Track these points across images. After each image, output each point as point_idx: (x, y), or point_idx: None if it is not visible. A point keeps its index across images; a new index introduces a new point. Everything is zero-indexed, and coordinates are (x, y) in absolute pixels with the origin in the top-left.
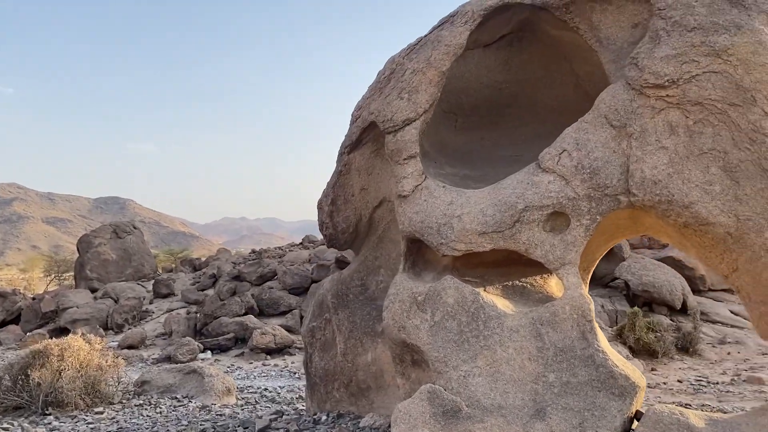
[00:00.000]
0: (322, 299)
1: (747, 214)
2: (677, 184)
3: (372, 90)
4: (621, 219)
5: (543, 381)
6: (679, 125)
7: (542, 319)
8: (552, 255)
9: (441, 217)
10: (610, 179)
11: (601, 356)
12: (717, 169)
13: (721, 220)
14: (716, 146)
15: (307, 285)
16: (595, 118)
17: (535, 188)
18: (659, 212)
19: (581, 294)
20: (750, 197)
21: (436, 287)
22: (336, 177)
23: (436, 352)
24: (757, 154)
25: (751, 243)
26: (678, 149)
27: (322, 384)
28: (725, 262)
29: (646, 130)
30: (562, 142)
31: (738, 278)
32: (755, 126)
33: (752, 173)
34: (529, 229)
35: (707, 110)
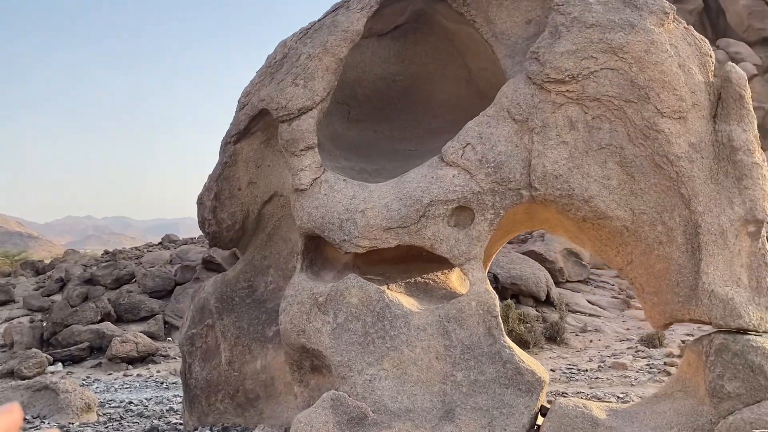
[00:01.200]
0: (203, 303)
1: (642, 208)
2: (577, 178)
3: (262, 75)
4: (518, 214)
5: (451, 381)
6: (579, 120)
7: (449, 316)
8: (457, 250)
9: (343, 212)
10: (513, 173)
11: (507, 352)
12: (614, 164)
13: (618, 213)
14: (613, 142)
15: (170, 287)
16: (497, 111)
17: (439, 182)
18: (560, 207)
19: (486, 289)
20: (644, 191)
21: (339, 287)
22: (220, 169)
23: (340, 356)
24: (650, 150)
25: (645, 236)
26: (578, 144)
27: (204, 396)
28: (621, 255)
29: (547, 125)
30: (465, 135)
31: (632, 270)
32: (649, 123)
33: (646, 168)
34: (434, 224)
35: (605, 106)
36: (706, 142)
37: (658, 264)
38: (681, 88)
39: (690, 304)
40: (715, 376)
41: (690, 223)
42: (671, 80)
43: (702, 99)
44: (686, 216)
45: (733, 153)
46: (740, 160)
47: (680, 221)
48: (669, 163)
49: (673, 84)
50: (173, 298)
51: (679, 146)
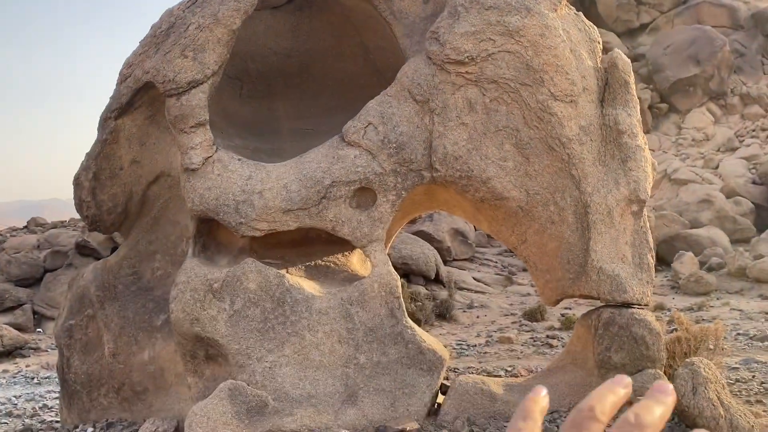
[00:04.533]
0: (82, 292)
1: (535, 189)
2: (476, 160)
3: (146, 45)
4: (419, 195)
5: (354, 364)
6: (478, 102)
7: (351, 299)
8: (359, 232)
9: (239, 194)
10: (415, 154)
11: (409, 333)
12: (510, 146)
13: (514, 194)
14: (510, 124)
15: (38, 275)
16: (398, 91)
17: (341, 163)
18: (459, 188)
19: (389, 271)
20: (538, 173)
21: (235, 272)
22: (100, 147)
23: (237, 344)
24: (544, 132)
25: (539, 216)
26: (476, 126)
27: (85, 391)
28: (515, 234)
29: (447, 106)
30: (366, 115)
31: (526, 249)
32: (543, 106)
33: (540, 150)
34: (336, 205)
35: (502, 89)
36: (595, 125)
37: (551, 243)
38: (573, 72)
39: (580, 281)
40: (603, 348)
41: (580, 203)
42: (564, 64)
43: (591, 84)
44: (576, 196)
45: (619, 136)
46: (625, 143)
47: (571, 201)
48: (561, 145)
49: (566, 68)
50: (43, 287)
51: (571, 129)
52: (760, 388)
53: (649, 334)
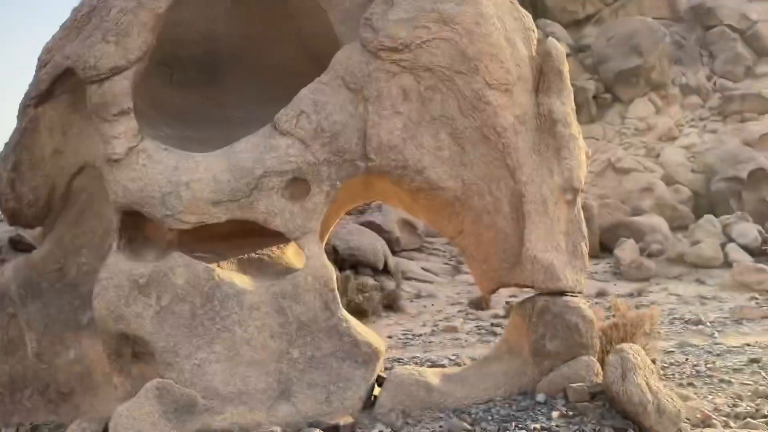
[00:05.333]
0: (2, 291)
1: (471, 179)
2: (411, 149)
3: (66, 29)
4: (355, 185)
5: (287, 359)
6: (412, 90)
7: (284, 293)
8: (292, 224)
9: (165, 185)
10: (349, 144)
11: (344, 325)
12: (446, 135)
13: (450, 184)
14: (445, 113)
15: None
16: (331, 79)
17: (273, 152)
18: (394, 178)
19: (323, 263)
20: (474, 163)
21: (162, 267)
22: (19, 136)
23: (164, 342)
24: (479, 122)
25: (475, 206)
26: (411, 115)
27: (8, 393)
28: (452, 224)
29: (381, 95)
30: (299, 103)
31: (463, 239)
32: (478, 95)
33: (475, 140)
34: (267, 196)
35: (437, 77)
36: (530, 114)
37: (487, 233)
38: (507, 60)
39: (515, 270)
40: (538, 336)
41: (515, 192)
42: (499, 53)
43: (526, 72)
44: (512, 186)
45: (553, 125)
46: (559, 132)
47: (506, 191)
48: (496, 134)
49: (501, 57)
50: None
51: (506, 118)
52: (693, 371)
53: (582, 321)
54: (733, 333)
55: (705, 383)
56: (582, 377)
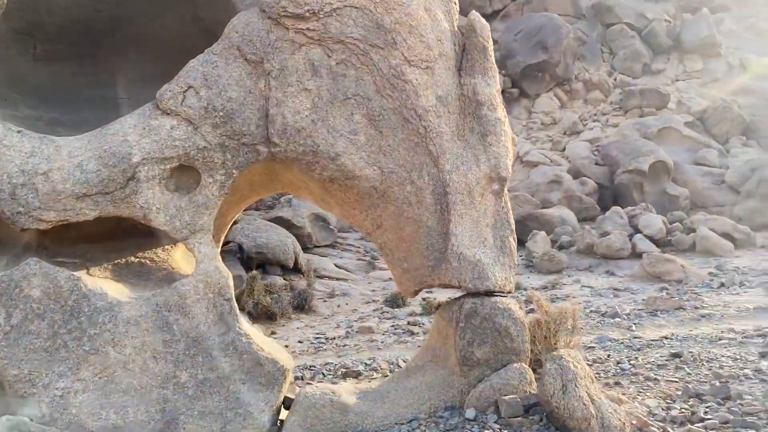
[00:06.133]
0: None
1: (390, 167)
2: (322, 133)
3: None
4: (257, 174)
5: (174, 384)
6: (322, 65)
7: (169, 304)
8: (179, 221)
9: (17, 175)
10: (247, 125)
11: (243, 341)
12: (361, 117)
13: (367, 173)
14: (360, 91)
15: None
16: (226, 49)
17: (154, 135)
18: (303, 165)
19: (217, 267)
20: (393, 148)
21: (13, 277)
22: None
23: (17, 369)
24: (398, 102)
25: (395, 197)
26: (321, 93)
27: None
28: (370, 218)
29: (286, 68)
30: (186, 77)
31: (382, 235)
32: (396, 71)
33: (394, 122)
34: (148, 188)
35: (350, 50)
36: (453, 95)
37: (408, 227)
38: (428, 34)
39: (440, 269)
40: (465, 343)
41: (438, 182)
42: (418, 25)
43: (448, 49)
44: (435, 174)
45: (478, 108)
46: (485, 116)
47: (429, 180)
48: (417, 117)
49: (420, 30)
50: None
51: (427, 99)
52: (617, 369)
53: (513, 324)
54: (649, 325)
55: (632, 382)
56: (514, 387)
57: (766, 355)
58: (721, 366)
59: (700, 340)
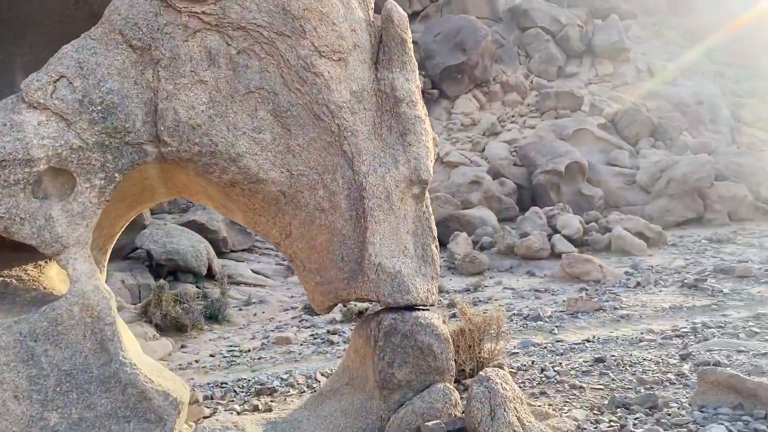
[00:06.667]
0: None
1: (300, 169)
2: (221, 130)
3: None
4: (147, 178)
5: (41, 426)
6: (221, 54)
7: (36, 332)
8: (49, 233)
9: None
10: (131, 121)
11: (128, 372)
12: (267, 113)
13: (273, 176)
14: (265, 84)
15: None
16: (106, 33)
17: (17, 133)
18: (200, 167)
19: (96, 287)
20: (303, 148)
21: None
22: None
23: None
24: (309, 97)
25: (305, 203)
26: (220, 85)
27: None
28: (278, 226)
29: (178, 57)
30: (58, 65)
31: (292, 245)
32: (306, 63)
33: (304, 120)
34: (9, 195)
35: (252, 38)
36: (369, 90)
37: (321, 236)
38: (341, 23)
39: (356, 281)
40: (385, 364)
41: (354, 185)
42: (329, 12)
43: (363, 40)
44: (350, 177)
45: (397, 104)
46: (404, 113)
47: (344, 183)
48: (330, 113)
49: (332, 17)
50: None
51: (341, 94)
52: (542, 377)
53: (436, 341)
54: (571, 327)
55: (557, 391)
56: (438, 411)
57: (686, 357)
58: (645, 370)
59: (621, 342)
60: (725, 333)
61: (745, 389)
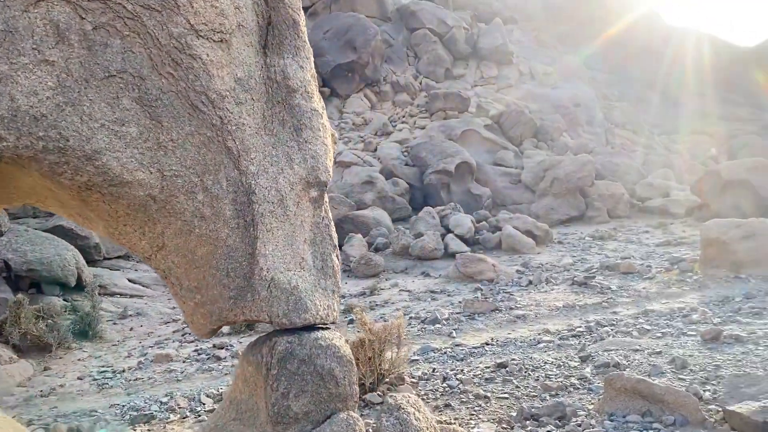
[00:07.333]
0: None
1: (175, 169)
2: (73, 122)
3: None
4: None
5: None
6: (72, 29)
7: None
8: None
9: None
10: None
11: None
12: (132, 101)
13: (141, 177)
14: (129, 68)
15: None
16: None
17: None
18: (46, 167)
19: None
20: (178, 145)
21: None
22: None
23: None
24: (184, 84)
25: (181, 209)
26: (72, 67)
27: None
28: (148, 238)
29: (15, 31)
30: None
31: (165, 259)
32: (180, 43)
33: (179, 110)
34: None
35: (113, 11)
36: (257, 78)
37: (201, 248)
38: None
39: (245, 300)
40: (279, 395)
41: (241, 188)
42: None
43: (249, 20)
44: (236, 178)
45: (290, 95)
46: (298, 105)
47: (228, 186)
48: (210, 103)
49: None
50: None
51: (223, 81)
52: (445, 386)
53: (338, 365)
54: (469, 330)
55: (462, 402)
56: None
57: (586, 359)
58: (547, 375)
59: (520, 345)
60: (619, 331)
61: (652, 394)
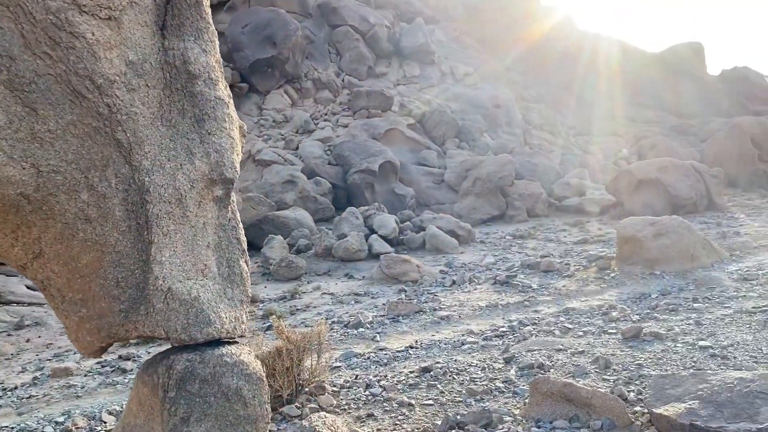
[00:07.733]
0: None
1: (52, 164)
2: None
3: None
4: None
5: None
6: None
7: None
8: None
9: None
10: None
11: None
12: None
13: (11, 173)
14: None
15: None
16: None
17: None
18: None
19: None
20: (58, 136)
21: None
22: None
23: None
24: (64, 66)
25: (62, 210)
26: None
27: None
28: (22, 244)
29: None
30: None
31: (43, 268)
32: (59, 20)
33: (58, 97)
34: None
35: None
36: (153, 62)
37: (86, 254)
38: None
39: (138, 313)
40: (178, 420)
41: (133, 186)
42: None
43: None
44: (127, 175)
45: (191, 82)
46: (200, 93)
47: (118, 184)
48: (96, 89)
49: None
50: None
51: (112, 64)
52: (367, 395)
53: (246, 383)
54: (393, 333)
55: (385, 411)
56: None
57: (510, 360)
58: (472, 378)
59: (444, 347)
60: (541, 330)
61: (579, 398)
